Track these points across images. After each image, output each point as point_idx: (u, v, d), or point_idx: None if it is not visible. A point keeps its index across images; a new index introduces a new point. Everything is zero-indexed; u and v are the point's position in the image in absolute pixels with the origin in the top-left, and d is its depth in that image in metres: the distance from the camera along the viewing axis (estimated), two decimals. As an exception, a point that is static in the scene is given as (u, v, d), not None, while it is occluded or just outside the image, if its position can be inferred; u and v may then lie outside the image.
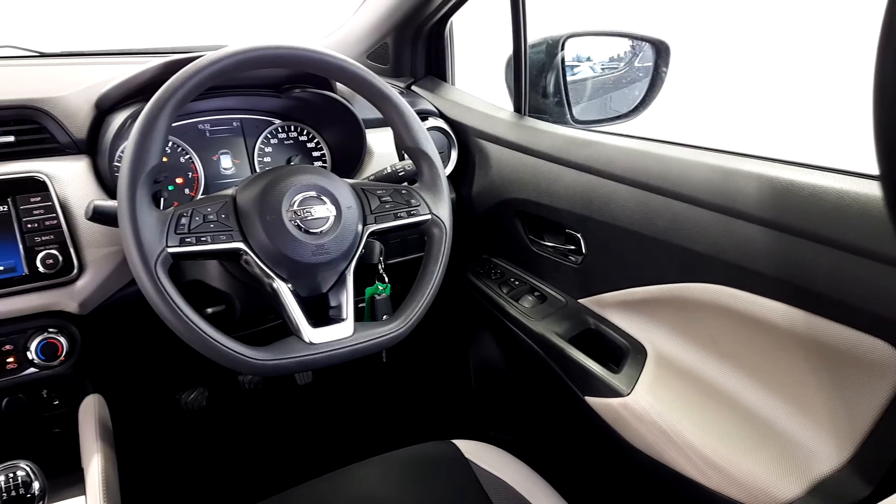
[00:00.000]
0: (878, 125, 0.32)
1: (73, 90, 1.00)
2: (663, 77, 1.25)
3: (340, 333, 0.85)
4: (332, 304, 0.88)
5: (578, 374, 1.05)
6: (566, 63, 1.36)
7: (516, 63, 1.26)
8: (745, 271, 0.82)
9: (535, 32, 1.27)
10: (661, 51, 1.25)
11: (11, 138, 0.93)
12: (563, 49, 1.31)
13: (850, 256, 0.70)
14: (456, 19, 1.42)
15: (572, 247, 1.14)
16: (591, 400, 1.03)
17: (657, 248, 0.94)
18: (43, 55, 1.32)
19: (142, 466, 1.34)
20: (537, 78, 1.33)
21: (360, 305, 0.99)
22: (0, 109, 0.93)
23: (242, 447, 1.64)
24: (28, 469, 0.69)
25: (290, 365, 0.81)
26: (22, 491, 0.68)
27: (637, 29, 1.33)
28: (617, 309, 1.07)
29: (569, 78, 1.36)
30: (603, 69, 1.49)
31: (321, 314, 0.88)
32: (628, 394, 0.96)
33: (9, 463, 0.69)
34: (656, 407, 0.92)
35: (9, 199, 0.88)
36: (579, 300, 1.14)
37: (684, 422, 0.89)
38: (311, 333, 0.82)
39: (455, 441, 1.03)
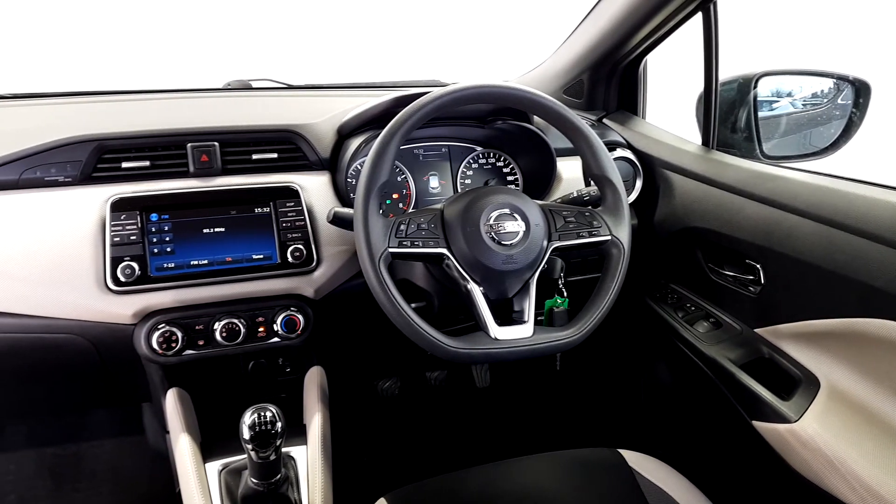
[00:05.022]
0: None
1: (321, 118, 1.22)
2: (859, 117, 1.23)
3: (522, 333, 0.95)
4: (516, 308, 0.99)
5: (747, 399, 1.08)
6: (763, 98, 1.39)
7: (706, 99, 1.31)
8: None
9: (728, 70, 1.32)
10: (860, 90, 1.24)
11: (275, 155, 1.16)
12: (755, 87, 1.34)
13: None
14: (650, 57, 1.49)
15: (751, 277, 1.16)
16: (757, 424, 1.05)
17: (837, 282, 0.95)
18: (290, 87, 1.60)
19: (344, 437, 1.55)
20: (727, 114, 1.37)
21: (539, 319, 1.08)
22: (269, 132, 1.17)
23: (425, 433, 1.82)
24: (274, 411, 0.86)
25: (478, 355, 0.94)
26: (269, 427, 0.85)
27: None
28: (792, 340, 1.08)
29: (763, 113, 1.38)
30: (804, 105, 1.48)
31: (506, 316, 0.99)
32: (796, 421, 0.98)
33: (260, 405, 0.87)
34: (823, 435, 0.93)
35: (271, 203, 1.11)
36: (755, 329, 1.16)
37: (852, 452, 0.89)
38: (496, 331, 0.94)
39: (620, 450, 1.09)
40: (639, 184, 1.40)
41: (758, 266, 1.13)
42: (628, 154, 1.39)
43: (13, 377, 1.17)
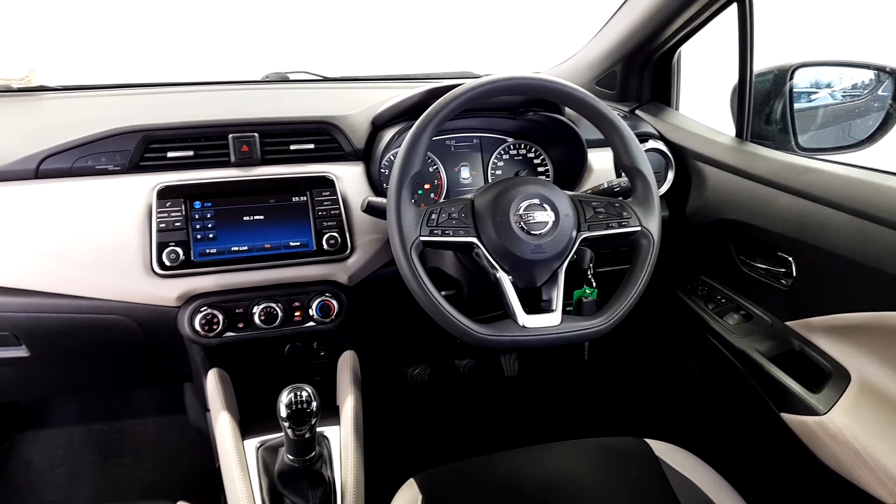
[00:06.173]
0: None
1: (355, 110, 1.25)
2: (896, 109, 1.22)
3: (550, 322, 0.97)
4: (544, 297, 1.01)
5: (776, 391, 1.08)
6: (801, 89, 1.37)
7: (741, 90, 1.30)
8: None
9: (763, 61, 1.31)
10: (899, 81, 1.22)
11: (312, 145, 1.20)
12: (791, 78, 1.33)
13: None
14: (684, 48, 1.49)
15: (783, 269, 1.16)
16: (786, 416, 1.05)
17: (870, 276, 0.95)
18: (326, 79, 1.63)
19: (375, 419, 1.59)
20: (762, 105, 1.36)
21: (568, 309, 1.08)
22: (306, 123, 1.20)
23: (453, 419, 1.85)
24: (310, 391, 0.89)
25: (506, 342, 0.96)
26: (305, 406, 0.88)
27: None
28: (823, 333, 1.08)
29: (800, 105, 1.37)
30: (844, 97, 1.46)
31: (534, 304, 1.01)
32: (825, 413, 0.98)
33: (296, 384, 0.90)
34: (852, 428, 0.93)
35: (307, 192, 1.14)
36: (786, 322, 1.16)
37: (881, 446, 0.89)
38: (525, 319, 0.96)
39: (647, 440, 1.10)
40: (670, 175, 1.40)
41: (790, 259, 1.13)
42: (660, 145, 1.39)
43: (67, 356, 1.23)
